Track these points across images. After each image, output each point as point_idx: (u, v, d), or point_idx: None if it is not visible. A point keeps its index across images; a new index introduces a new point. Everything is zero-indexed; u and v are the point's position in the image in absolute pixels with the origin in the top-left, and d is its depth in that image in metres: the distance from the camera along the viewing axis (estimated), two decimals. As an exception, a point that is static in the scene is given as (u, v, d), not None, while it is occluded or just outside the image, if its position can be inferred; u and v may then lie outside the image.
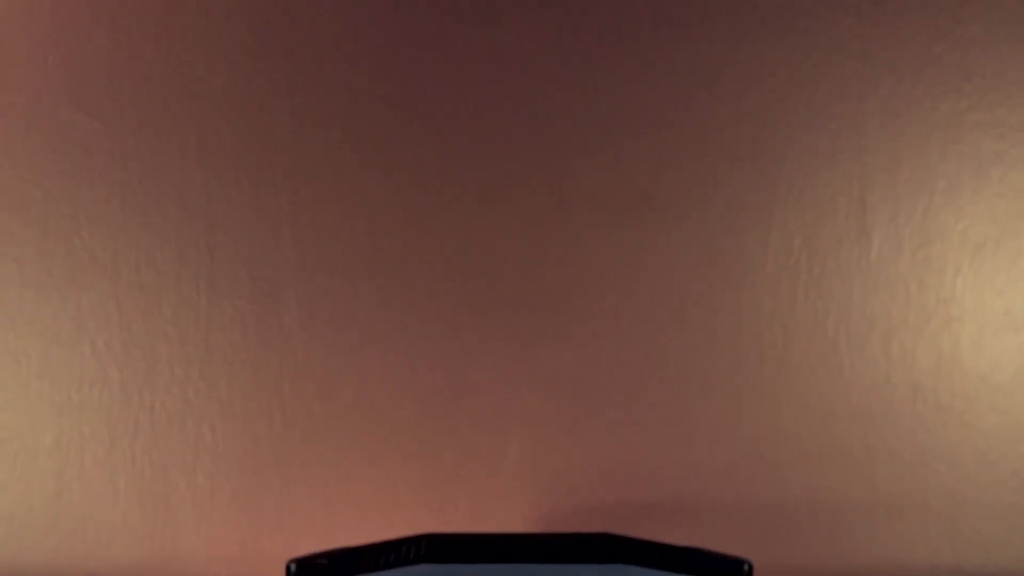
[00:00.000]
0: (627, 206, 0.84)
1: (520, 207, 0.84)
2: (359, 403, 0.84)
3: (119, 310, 0.84)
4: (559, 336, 0.84)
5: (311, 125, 0.84)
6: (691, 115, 0.84)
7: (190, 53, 0.84)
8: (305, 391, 0.84)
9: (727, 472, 0.84)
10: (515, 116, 0.84)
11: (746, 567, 0.64)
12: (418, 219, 0.84)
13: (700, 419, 0.84)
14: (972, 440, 0.84)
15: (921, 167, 0.84)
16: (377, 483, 0.83)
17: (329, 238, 0.84)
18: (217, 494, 0.84)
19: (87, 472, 0.84)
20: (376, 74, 0.84)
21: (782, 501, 0.84)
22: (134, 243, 0.84)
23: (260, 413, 0.84)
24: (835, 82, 0.84)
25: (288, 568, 0.64)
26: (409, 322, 0.84)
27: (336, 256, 0.84)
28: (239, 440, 0.84)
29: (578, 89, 0.84)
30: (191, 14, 0.84)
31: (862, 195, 0.84)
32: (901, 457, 0.84)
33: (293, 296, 0.84)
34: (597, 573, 0.59)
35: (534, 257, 0.84)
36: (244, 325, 0.84)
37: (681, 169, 0.84)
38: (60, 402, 0.84)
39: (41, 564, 0.84)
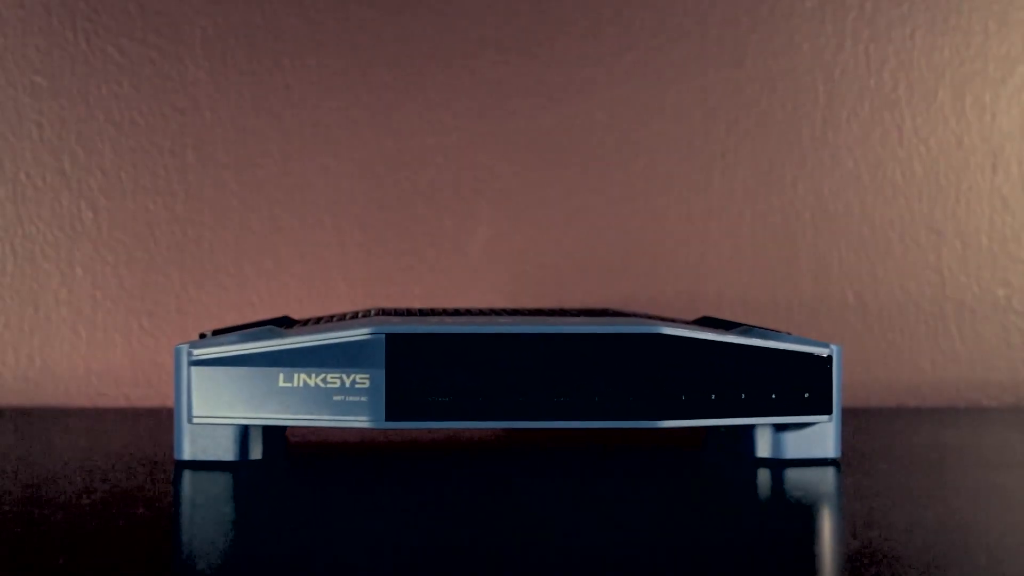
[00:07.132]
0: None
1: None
2: (285, 175, 0.73)
3: (-29, 52, 0.71)
4: (537, 88, 0.73)
5: None
6: None
7: None
8: (215, 158, 0.73)
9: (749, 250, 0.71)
10: None
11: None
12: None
13: (714, 196, 0.72)
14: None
15: None
16: (310, 277, 0.73)
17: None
18: (100, 290, 0.71)
19: (-69, 263, 0.70)
20: None
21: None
22: (-10, -33, 0.71)
23: (156, 188, 0.72)
24: None
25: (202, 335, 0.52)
26: (350, 69, 0.72)
27: (254, -17, 0.72)
28: (129, 223, 0.72)
29: None
30: None
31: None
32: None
33: (199, 35, 0.71)
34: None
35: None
36: (135, 74, 0.72)
37: None
38: None
39: None
